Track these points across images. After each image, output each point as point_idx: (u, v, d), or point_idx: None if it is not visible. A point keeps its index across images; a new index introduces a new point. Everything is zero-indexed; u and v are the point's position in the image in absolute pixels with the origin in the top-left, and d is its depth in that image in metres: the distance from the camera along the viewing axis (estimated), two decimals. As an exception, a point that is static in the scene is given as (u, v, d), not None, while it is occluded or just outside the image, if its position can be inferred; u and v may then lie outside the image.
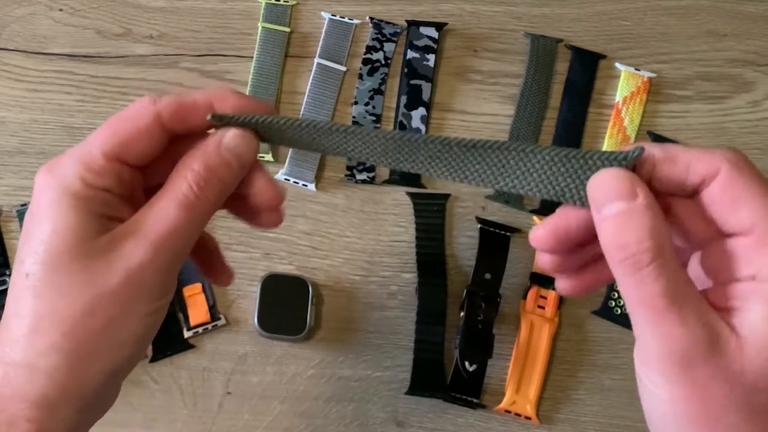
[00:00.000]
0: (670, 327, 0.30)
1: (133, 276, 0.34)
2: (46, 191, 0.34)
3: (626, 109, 0.71)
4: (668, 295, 0.29)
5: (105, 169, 0.35)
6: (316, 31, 0.73)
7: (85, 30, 0.72)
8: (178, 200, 0.35)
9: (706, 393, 0.29)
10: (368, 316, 0.66)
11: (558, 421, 0.64)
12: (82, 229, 0.34)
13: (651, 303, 0.30)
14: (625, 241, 0.30)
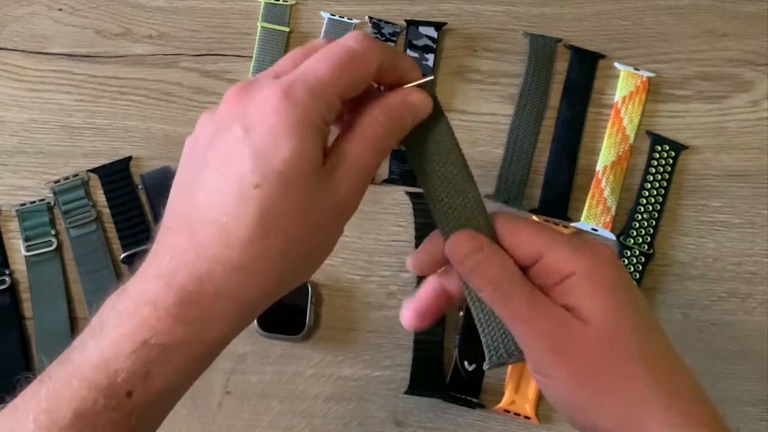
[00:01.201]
0: (539, 325, 0.38)
1: (344, 202, 0.39)
2: (287, 115, 0.36)
3: (625, 109, 0.71)
4: (528, 305, 0.39)
5: (336, 108, 0.38)
6: (315, 30, 0.73)
7: (85, 30, 0.72)
8: (371, 144, 0.39)
9: (580, 366, 0.38)
10: (367, 315, 0.66)
11: (557, 420, 0.64)
12: (316, 157, 0.37)
13: (520, 315, 0.39)
14: (489, 279, 0.39)
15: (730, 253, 0.68)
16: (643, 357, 0.38)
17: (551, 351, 0.38)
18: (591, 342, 0.38)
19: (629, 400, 0.38)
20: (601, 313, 0.38)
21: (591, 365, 0.38)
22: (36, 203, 0.67)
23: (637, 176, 0.70)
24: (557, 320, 0.38)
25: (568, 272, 0.39)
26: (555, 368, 0.39)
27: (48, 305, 0.64)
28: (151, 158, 0.69)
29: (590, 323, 0.38)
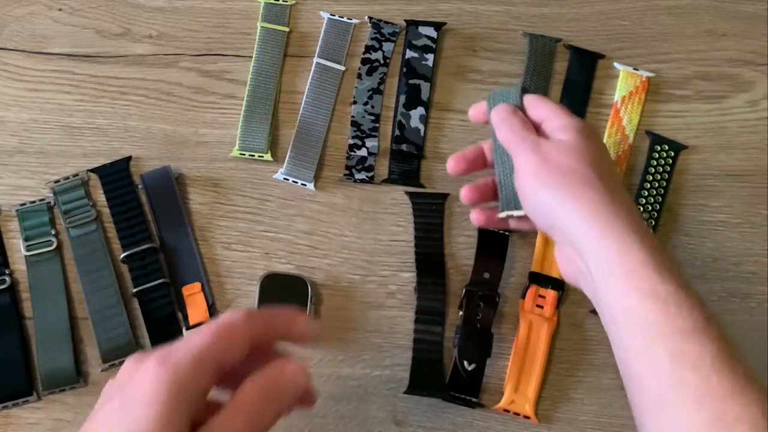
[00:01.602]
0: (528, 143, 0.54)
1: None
2: (159, 379, 0.39)
3: (625, 109, 0.71)
4: (523, 128, 0.55)
5: (213, 375, 0.41)
6: (315, 30, 0.73)
7: (85, 30, 0.73)
8: (246, 420, 0.40)
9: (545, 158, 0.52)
10: (367, 315, 0.66)
11: (556, 420, 0.64)
12: (181, 426, 0.39)
13: (519, 135, 0.55)
14: (509, 125, 0.56)
15: (730, 252, 0.68)
16: (597, 171, 0.51)
17: (535, 148, 0.53)
18: (560, 147, 0.52)
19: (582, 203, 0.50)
20: (574, 138, 0.53)
21: (556, 161, 0.52)
22: (36, 203, 0.67)
23: (636, 176, 0.70)
24: (542, 141, 0.54)
25: (563, 125, 0.54)
26: (531, 162, 0.53)
27: (48, 305, 0.64)
28: (151, 158, 0.69)
29: (564, 140, 0.53)
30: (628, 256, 0.47)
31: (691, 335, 0.44)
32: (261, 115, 0.70)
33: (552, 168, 0.52)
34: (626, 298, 0.47)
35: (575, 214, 0.50)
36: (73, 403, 0.63)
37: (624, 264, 0.47)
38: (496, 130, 0.57)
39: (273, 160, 0.69)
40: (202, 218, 0.68)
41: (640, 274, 0.46)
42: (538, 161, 0.52)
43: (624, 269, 0.47)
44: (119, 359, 0.63)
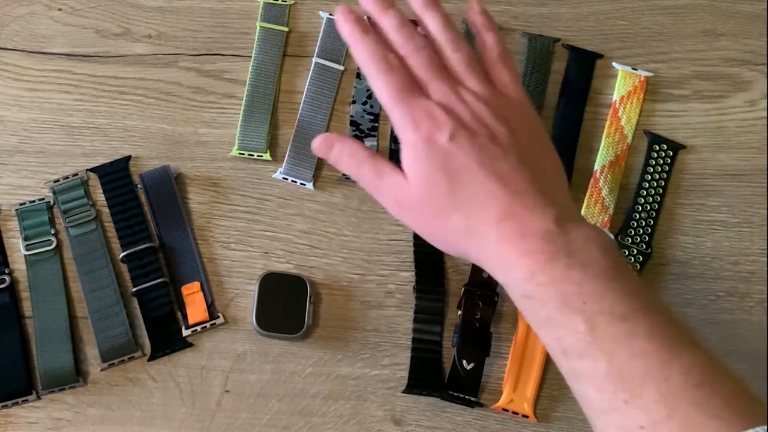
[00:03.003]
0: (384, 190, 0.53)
1: None
2: None
3: (623, 109, 0.71)
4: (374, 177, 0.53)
5: None
6: (314, 30, 0.73)
7: (84, 29, 0.73)
8: None
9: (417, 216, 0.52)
10: (366, 314, 0.66)
11: (555, 419, 0.64)
12: None
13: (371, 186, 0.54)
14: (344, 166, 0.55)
15: (728, 252, 0.68)
16: (455, 204, 0.50)
17: (396, 207, 0.52)
18: (416, 198, 0.51)
19: (456, 239, 0.51)
20: (418, 178, 0.51)
21: (422, 215, 0.51)
22: (35, 202, 0.67)
23: (635, 176, 0.70)
24: (395, 184, 0.52)
25: (402, 141, 0.51)
26: (405, 219, 0.53)
27: (47, 304, 0.64)
28: (151, 158, 0.69)
29: (412, 184, 0.51)
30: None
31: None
32: (260, 114, 0.70)
33: (418, 216, 0.52)
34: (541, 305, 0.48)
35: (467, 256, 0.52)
36: (72, 402, 0.63)
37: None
38: (350, 174, 0.55)
39: (272, 160, 0.69)
40: (201, 218, 0.68)
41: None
42: (404, 213, 0.53)
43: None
44: (118, 358, 0.63)
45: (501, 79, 0.55)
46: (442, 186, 0.50)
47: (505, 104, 0.53)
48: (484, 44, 0.57)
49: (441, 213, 0.50)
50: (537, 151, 0.53)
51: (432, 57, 0.54)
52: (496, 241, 0.48)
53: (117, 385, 0.64)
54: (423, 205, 0.51)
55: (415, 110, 0.51)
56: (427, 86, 0.53)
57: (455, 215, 0.50)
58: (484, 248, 0.49)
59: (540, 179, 0.50)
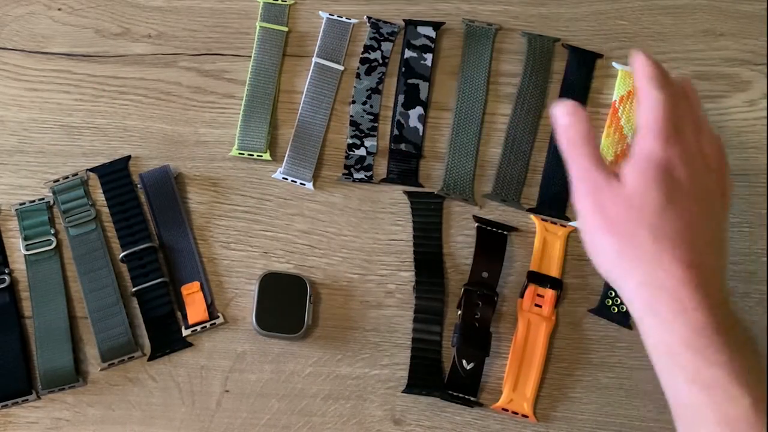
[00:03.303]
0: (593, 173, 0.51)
1: None
2: None
3: (623, 108, 0.71)
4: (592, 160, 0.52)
5: None
6: (313, 30, 0.73)
7: (84, 29, 0.73)
8: None
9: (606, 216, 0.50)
10: (366, 314, 0.66)
11: (555, 419, 0.64)
12: None
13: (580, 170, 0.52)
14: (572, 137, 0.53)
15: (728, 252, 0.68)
16: (653, 225, 0.49)
17: (588, 201, 0.51)
18: (619, 199, 0.50)
19: (629, 256, 0.49)
20: (635, 183, 0.50)
21: (614, 220, 0.50)
22: (35, 202, 0.67)
23: (634, 175, 0.70)
24: (604, 180, 0.51)
25: (635, 152, 0.51)
26: (589, 217, 0.51)
27: (47, 304, 0.64)
28: (150, 157, 0.69)
29: (625, 185, 0.50)
30: (669, 335, 0.47)
31: (737, 424, 0.44)
32: (260, 114, 0.70)
33: (607, 224, 0.50)
34: (670, 375, 0.47)
35: (624, 278, 0.50)
36: (72, 402, 0.63)
37: (665, 344, 0.47)
38: (561, 147, 0.54)
39: (272, 160, 0.69)
40: (201, 217, 0.68)
41: (683, 356, 0.46)
42: (594, 211, 0.51)
43: (666, 349, 0.47)
44: (118, 358, 0.63)
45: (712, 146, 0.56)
46: (654, 203, 0.49)
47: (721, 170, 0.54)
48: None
49: (636, 226, 0.49)
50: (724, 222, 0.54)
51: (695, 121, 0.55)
52: (678, 281, 0.48)
53: (117, 385, 0.64)
54: (621, 211, 0.50)
55: (672, 136, 0.51)
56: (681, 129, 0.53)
57: (646, 234, 0.49)
58: (658, 280, 0.48)
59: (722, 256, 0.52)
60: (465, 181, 0.69)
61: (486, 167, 0.70)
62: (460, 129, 0.70)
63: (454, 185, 0.69)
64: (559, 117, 0.53)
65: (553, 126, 0.53)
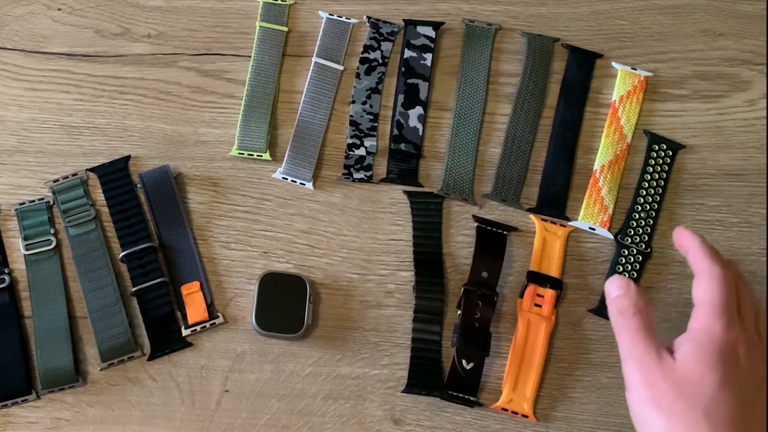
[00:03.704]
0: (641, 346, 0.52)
1: None
2: None
3: (623, 108, 0.71)
4: (638, 334, 0.53)
5: None
6: (313, 30, 0.74)
7: (84, 29, 0.73)
8: None
9: (655, 392, 0.50)
10: (366, 314, 0.66)
11: (555, 419, 0.64)
12: None
13: (632, 343, 0.53)
14: (620, 307, 0.55)
15: (728, 252, 0.68)
16: (708, 408, 0.49)
17: (641, 366, 0.51)
18: (672, 377, 0.50)
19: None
20: (691, 359, 0.50)
21: (664, 394, 0.50)
22: (35, 202, 0.67)
23: (634, 175, 0.70)
24: (654, 354, 0.51)
25: (693, 328, 0.52)
26: (635, 380, 0.52)
27: (47, 304, 0.64)
28: (150, 157, 0.69)
29: (678, 362, 0.50)
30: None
31: None
32: (260, 114, 0.70)
33: (657, 400, 0.50)
34: None
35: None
36: (72, 402, 0.63)
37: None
38: (610, 317, 0.55)
39: (272, 160, 0.69)
40: (200, 217, 0.68)
41: None
42: (644, 385, 0.51)
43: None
44: (118, 358, 0.63)
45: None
46: (712, 386, 0.49)
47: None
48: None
49: (689, 406, 0.49)
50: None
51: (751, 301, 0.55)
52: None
53: (116, 385, 0.64)
54: (674, 389, 0.50)
55: (733, 316, 0.52)
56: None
57: (700, 416, 0.49)
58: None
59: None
60: (465, 180, 0.69)
61: (486, 167, 0.70)
62: (460, 129, 0.70)
63: (454, 185, 0.69)
64: (611, 291, 0.55)
65: (607, 297, 0.56)
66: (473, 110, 0.71)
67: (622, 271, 0.67)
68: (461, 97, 0.71)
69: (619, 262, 0.67)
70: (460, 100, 0.71)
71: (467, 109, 0.71)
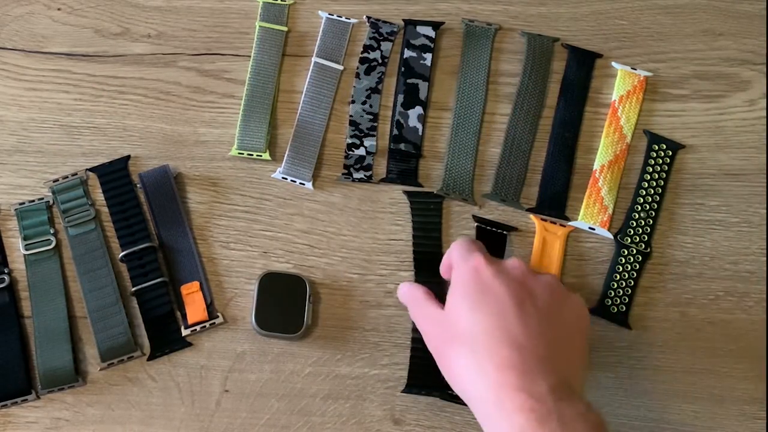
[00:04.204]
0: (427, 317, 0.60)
1: None
2: None
3: (623, 108, 0.71)
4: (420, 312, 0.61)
5: None
6: (313, 30, 0.73)
7: (84, 29, 0.73)
8: None
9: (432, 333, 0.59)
10: (365, 314, 0.66)
11: (554, 418, 0.64)
12: None
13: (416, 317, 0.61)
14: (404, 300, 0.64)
15: (727, 251, 0.68)
16: (465, 335, 0.55)
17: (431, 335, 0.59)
18: (444, 324, 0.57)
19: (461, 375, 0.54)
20: (450, 302, 0.57)
21: (445, 341, 0.56)
22: (35, 202, 0.67)
23: (634, 175, 0.70)
24: (433, 312, 0.59)
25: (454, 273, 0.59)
26: (429, 340, 0.59)
27: (47, 304, 0.64)
28: (150, 157, 0.69)
29: (445, 310, 0.58)
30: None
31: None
32: (259, 114, 0.70)
33: (443, 351, 0.56)
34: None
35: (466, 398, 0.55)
36: (71, 402, 0.63)
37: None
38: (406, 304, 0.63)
39: (271, 160, 0.69)
40: (200, 217, 0.68)
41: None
42: (428, 339, 0.59)
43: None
44: (118, 358, 0.63)
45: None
46: (464, 312, 0.56)
47: (550, 284, 0.58)
48: None
49: (448, 339, 0.56)
50: (566, 329, 0.57)
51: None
52: (494, 386, 0.52)
53: (116, 385, 0.64)
54: (441, 331, 0.57)
55: (474, 251, 0.59)
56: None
57: (463, 345, 0.54)
58: (480, 389, 0.53)
59: (556, 349, 0.54)
60: (464, 180, 0.69)
61: (485, 167, 0.70)
62: (460, 129, 0.70)
63: (454, 185, 0.69)
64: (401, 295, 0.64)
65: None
66: (473, 110, 0.71)
67: (622, 271, 0.67)
68: (461, 97, 0.71)
69: (618, 262, 0.67)
70: (459, 100, 0.71)
71: (467, 109, 0.71)
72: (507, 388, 0.51)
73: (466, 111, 0.71)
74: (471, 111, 0.71)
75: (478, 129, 0.71)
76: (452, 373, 0.55)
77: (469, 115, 0.71)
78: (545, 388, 0.50)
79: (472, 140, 0.70)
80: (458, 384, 0.55)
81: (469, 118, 0.71)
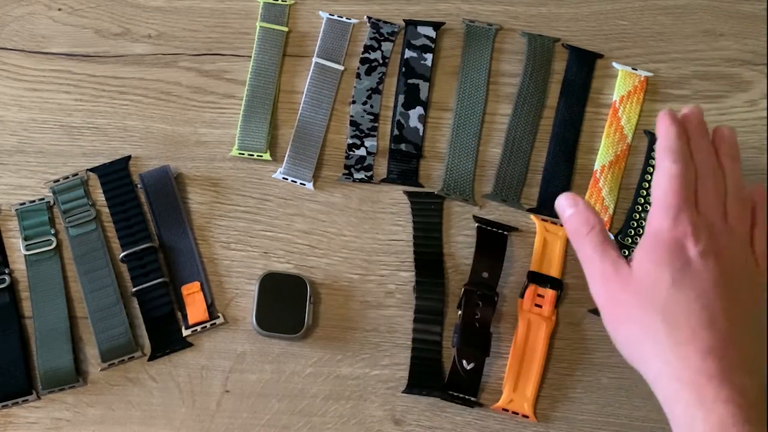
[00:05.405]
0: (599, 264, 0.54)
1: None
2: None
3: (623, 109, 0.71)
4: (592, 251, 0.55)
5: None
6: (313, 30, 0.73)
7: (84, 29, 0.73)
8: None
9: (617, 301, 0.53)
10: (366, 314, 0.66)
11: (555, 419, 0.64)
12: None
13: (585, 257, 0.55)
14: (575, 226, 0.57)
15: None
16: (664, 309, 0.49)
17: (601, 284, 0.53)
18: (630, 286, 0.51)
19: (643, 343, 0.50)
20: (644, 262, 0.51)
21: (623, 304, 0.51)
22: (35, 202, 0.67)
23: (634, 176, 0.70)
24: (613, 263, 0.53)
25: (645, 233, 0.53)
26: (601, 298, 0.53)
27: (47, 304, 0.64)
28: (150, 157, 0.69)
29: (633, 270, 0.52)
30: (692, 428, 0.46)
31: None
32: (260, 114, 0.70)
33: (618, 312, 0.52)
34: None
35: (645, 369, 0.50)
36: (72, 402, 0.63)
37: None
38: (569, 235, 0.58)
39: (272, 160, 0.69)
40: (201, 217, 0.68)
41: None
42: (606, 298, 0.53)
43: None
44: (118, 358, 0.63)
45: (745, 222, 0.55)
46: (663, 285, 0.50)
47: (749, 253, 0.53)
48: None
49: (647, 312, 0.50)
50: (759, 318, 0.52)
51: (718, 188, 0.55)
52: (695, 372, 0.47)
53: (117, 385, 0.64)
54: (632, 299, 0.51)
55: (683, 212, 0.52)
56: (701, 205, 0.53)
57: (659, 320, 0.49)
58: (676, 370, 0.48)
59: (752, 341, 0.50)
60: (465, 181, 0.69)
61: (486, 167, 0.70)
62: (460, 129, 0.70)
63: (454, 185, 0.69)
64: (563, 209, 0.58)
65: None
66: (474, 110, 0.71)
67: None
68: (461, 98, 0.71)
69: (619, 263, 0.67)
70: (460, 101, 0.71)
71: (468, 109, 0.71)
72: (710, 376, 0.47)
73: (466, 111, 0.71)
74: (472, 111, 0.71)
75: (478, 129, 0.71)
76: (632, 340, 0.51)
77: (469, 115, 0.71)
78: (748, 382, 0.47)
79: (473, 140, 0.70)
80: (636, 353, 0.51)
81: (469, 119, 0.71)
